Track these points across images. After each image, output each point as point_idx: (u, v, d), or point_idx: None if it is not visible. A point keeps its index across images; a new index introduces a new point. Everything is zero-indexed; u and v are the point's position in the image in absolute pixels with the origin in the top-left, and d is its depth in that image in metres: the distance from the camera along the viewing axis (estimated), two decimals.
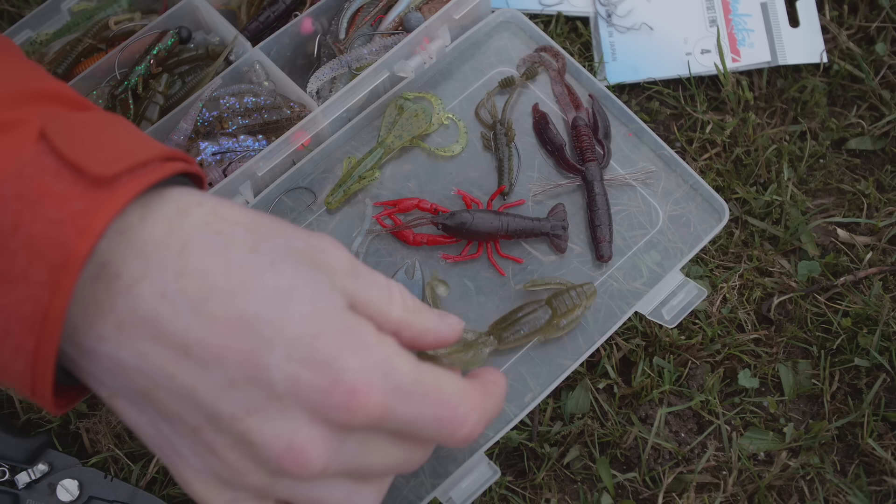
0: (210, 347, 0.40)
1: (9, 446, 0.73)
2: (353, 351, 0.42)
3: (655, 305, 0.74)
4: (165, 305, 0.40)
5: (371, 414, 0.42)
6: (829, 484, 0.74)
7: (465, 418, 0.45)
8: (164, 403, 0.42)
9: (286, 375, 0.40)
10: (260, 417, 0.41)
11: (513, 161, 0.80)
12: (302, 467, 0.41)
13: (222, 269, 0.41)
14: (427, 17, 0.82)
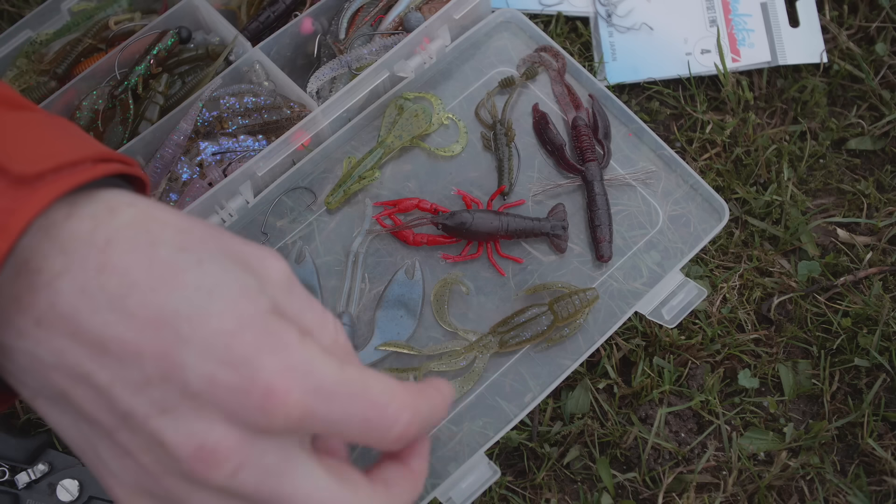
0: (126, 344, 0.40)
1: (9, 446, 0.73)
2: (271, 351, 0.40)
3: (655, 305, 0.74)
4: (84, 301, 0.40)
5: (290, 415, 0.40)
6: (829, 484, 0.74)
7: (395, 417, 0.44)
8: (81, 403, 0.41)
9: (201, 374, 0.40)
10: (173, 417, 0.40)
11: (513, 161, 0.80)
12: (211, 468, 0.40)
13: (145, 266, 0.40)
14: (427, 17, 0.82)
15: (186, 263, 0.41)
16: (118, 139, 0.78)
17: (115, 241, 0.40)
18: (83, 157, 0.42)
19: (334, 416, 0.42)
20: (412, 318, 0.74)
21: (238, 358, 0.40)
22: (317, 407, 0.41)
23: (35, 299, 0.40)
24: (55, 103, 0.78)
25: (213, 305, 0.40)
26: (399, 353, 0.73)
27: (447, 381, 0.52)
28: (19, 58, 0.82)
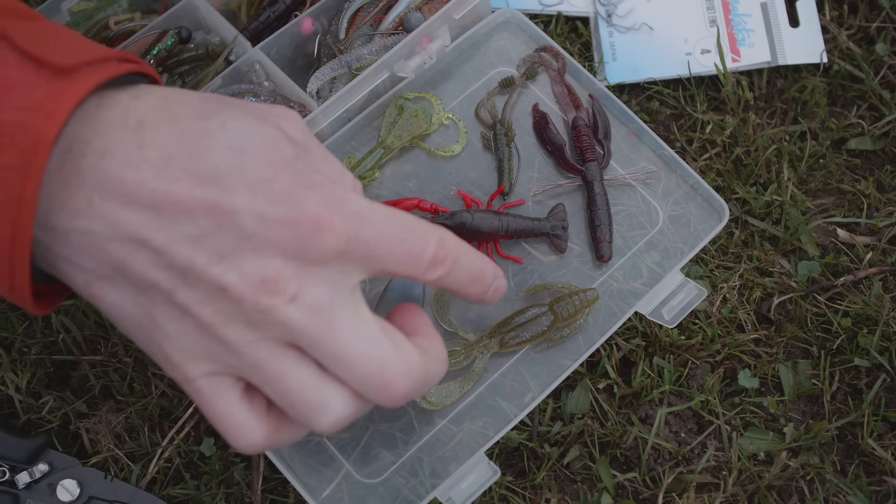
0: (177, 203, 0.43)
1: (9, 446, 0.73)
2: (309, 187, 0.44)
3: (655, 305, 0.74)
4: (130, 173, 0.43)
5: (338, 239, 0.44)
6: (829, 484, 0.74)
7: (427, 239, 0.48)
8: (140, 270, 0.44)
9: (253, 215, 0.43)
10: (231, 261, 0.43)
11: (513, 161, 0.80)
12: (273, 296, 0.43)
13: (177, 138, 0.44)
14: (427, 17, 0.82)
15: (212, 129, 0.45)
16: None
17: (145, 122, 0.44)
18: (110, 55, 0.46)
19: (375, 239, 0.46)
20: None
21: (282, 196, 0.44)
22: (359, 231, 0.45)
23: (84, 181, 0.43)
24: None
25: (247, 159, 0.44)
26: None
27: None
28: None
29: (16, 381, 0.78)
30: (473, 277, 0.52)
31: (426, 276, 0.49)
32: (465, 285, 0.52)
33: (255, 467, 0.75)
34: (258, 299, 0.43)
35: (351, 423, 0.48)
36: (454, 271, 0.50)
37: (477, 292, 0.53)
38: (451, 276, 0.50)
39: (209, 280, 0.43)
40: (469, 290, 0.52)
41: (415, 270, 0.48)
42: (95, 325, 0.80)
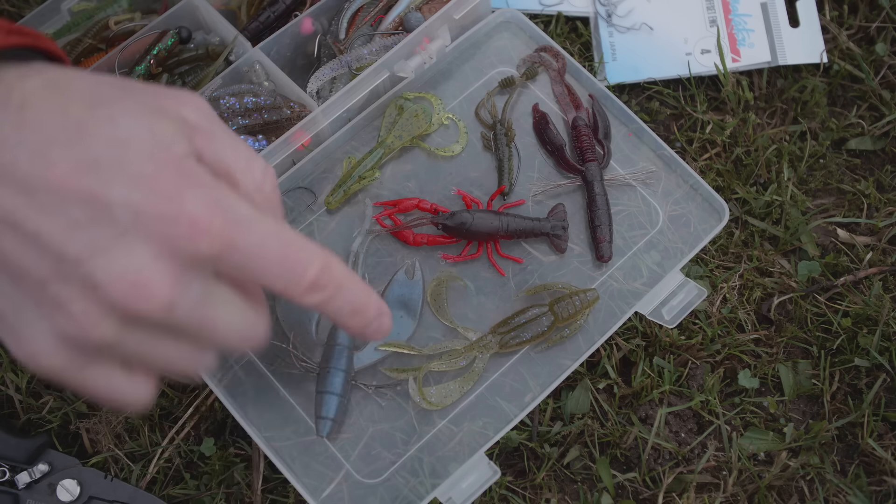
0: (52, 191, 0.41)
1: (9, 446, 0.73)
2: (192, 187, 0.43)
3: (655, 305, 0.74)
4: (6, 153, 0.41)
5: (213, 243, 0.43)
6: (829, 484, 0.74)
7: (309, 260, 0.46)
8: (9, 256, 0.42)
9: (129, 209, 0.42)
10: (105, 257, 0.42)
11: (513, 161, 0.80)
12: (147, 301, 0.42)
13: (60, 124, 0.42)
14: (427, 17, 0.82)
15: (99, 119, 0.43)
16: None
17: (28, 104, 0.42)
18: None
19: (253, 250, 0.44)
20: (412, 318, 0.74)
21: (162, 193, 0.42)
22: (237, 238, 0.44)
23: None
24: None
25: (129, 154, 0.43)
26: (399, 353, 0.73)
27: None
28: None
29: (16, 381, 0.78)
30: (354, 309, 0.50)
31: (304, 299, 0.47)
32: (345, 315, 0.50)
33: (255, 467, 0.75)
34: (130, 302, 0.42)
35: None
36: (335, 299, 0.49)
37: (356, 325, 0.51)
38: (332, 303, 0.49)
39: (82, 276, 0.42)
40: (349, 322, 0.50)
41: (292, 290, 0.47)
42: None
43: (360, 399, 0.72)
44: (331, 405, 0.70)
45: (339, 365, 0.71)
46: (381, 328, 0.53)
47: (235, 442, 0.76)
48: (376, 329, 0.53)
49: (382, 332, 0.53)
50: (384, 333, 0.53)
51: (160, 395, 0.78)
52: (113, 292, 0.42)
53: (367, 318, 0.52)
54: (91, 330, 0.43)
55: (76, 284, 0.42)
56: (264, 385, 0.73)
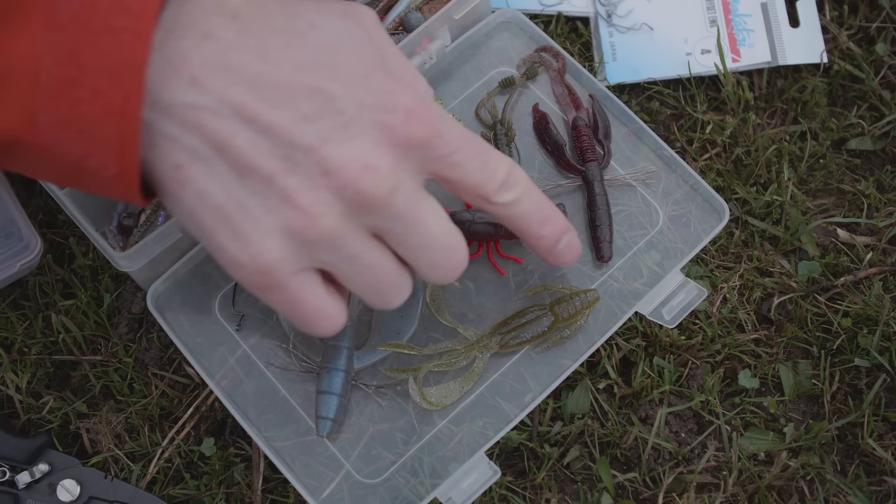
0: (281, 87, 0.44)
1: (9, 446, 0.73)
2: (402, 86, 0.47)
3: (655, 305, 0.74)
4: (234, 55, 0.44)
5: (427, 131, 0.47)
6: (829, 484, 0.74)
7: (501, 159, 0.50)
8: (241, 150, 0.44)
9: (353, 101, 0.45)
10: (335, 144, 0.45)
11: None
12: (376, 182, 0.45)
13: (271, 31, 0.45)
14: (427, 17, 0.82)
15: (302, 27, 0.46)
16: None
17: (240, 13, 0.45)
18: None
19: (456, 142, 0.49)
20: (412, 318, 0.74)
21: (378, 88, 0.46)
22: (443, 129, 0.48)
23: (187, 60, 0.43)
24: None
25: (340, 56, 0.46)
26: (399, 353, 0.73)
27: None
28: None
29: (16, 381, 0.78)
30: (545, 217, 0.53)
31: (496, 197, 0.50)
32: (536, 224, 0.53)
33: (255, 467, 0.75)
34: (362, 185, 0.45)
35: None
36: (524, 201, 0.52)
37: (549, 237, 0.53)
38: (522, 205, 0.52)
39: (314, 163, 0.44)
40: (541, 233, 0.53)
41: (486, 187, 0.50)
42: (95, 325, 0.80)
43: (360, 399, 0.72)
44: (331, 405, 0.70)
45: (339, 365, 0.71)
46: (573, 245, 0.56)
47: (235, 442, 0.76)
48: (567, 245, 0.56)
49: (574, 250, 0.56)
50: (576, 253, 0.56)
51: (160, 395, 0.78)
52: (345, 175, 0.45)
53: (559, 229, 0.55)
54: (319, 219, 0.45)
55: (307, 174, 0.45)
56: (264, 385, 0.73)
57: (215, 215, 0.45)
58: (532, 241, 0.53)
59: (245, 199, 0.45)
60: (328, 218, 0.45)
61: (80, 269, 0.82)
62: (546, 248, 0.54)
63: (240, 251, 0.46)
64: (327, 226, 0.45)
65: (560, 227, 0.54)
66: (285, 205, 0.45)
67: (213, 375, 0.73)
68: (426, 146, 0.47)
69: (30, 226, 0.79)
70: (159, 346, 0.79)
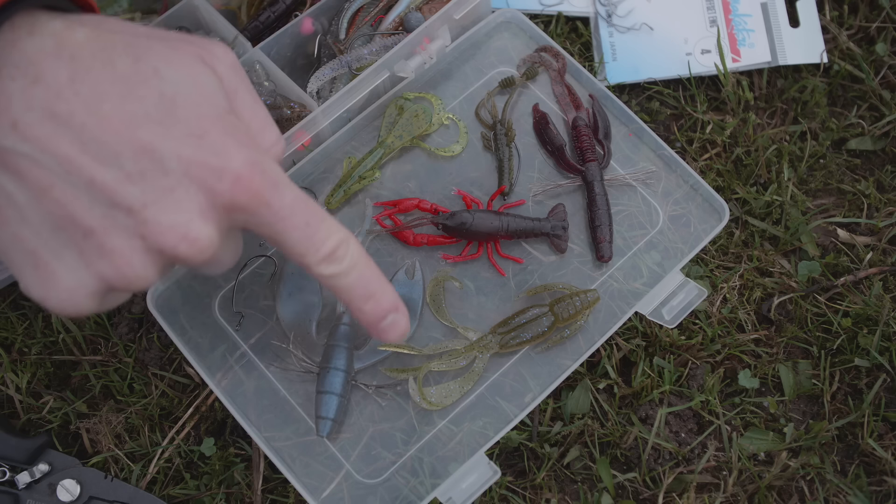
0: (107, 142, 0.43)
1: (9, 446, 0.73)
2: (237, 146, 0.46)
3: (655, 305, 0.74)
4: (62, 104, 0.43)
5: (252, 200, 0.46)
6: (829, 484, 0.74)
7: (330, 231, 0.49)
8: (59, 202, 0.43)
9: (182, 163, 0.44)
10: (156, 208, 0.44)
11: (513, 161, 0.80)
12: (197, 252, 0.45)
13: (110, 79, 0.44)
14: (427, 18, 0.82)
15: (144, 73, 0.45)
16: None
17: (78, 56, 0.44)
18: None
19: (282, 211, 0.47)
20: (412, 318, 0.74)
21: (210, 149, 0.45)
22: (272, 198, 0.47)
23: (11, 104, 0.42)
24: None
25: (179, 110, 0.45)
26: (399, 353, 0.73)
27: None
28: None
29: (16, 381, 0.78)
30: (369, 293, 0.51)
31: (319, 268, 0.49)
32: (359, 299, 0.51)
33: (255, 467, 0.75)
34: (180, 252, 0.45)
35: None
36: (349, 275, 0.50)
37: (370, 313, 0.52)
38: (345, 280, 0.50)
39: (134, 224, 0.44)
40: (363, 307, 0.51)
41: (310, 257, 0.49)
42: (95, 325, 0.80)
43: (360, 399, 0.72)
44: (331, 405, 0.70)
45: (339, 365, 0.71)
46: (397, 324, 0.53)
47: (235, 442, 0.76)
48: (391, 324, 0.53)
49: (398, 329, 0.53)
50: (400, 332, 0.53)
51: (160, 395, 0.78)
52: (164, 242, 0.44)
53: (382, 308, 0.52)
54: (134, 280, 0.45)
55: (126, 234, 0.44)
56: (264, 385, 0.73)
57: (27, 259, 0.45)
58: (354, 313, 0.52)
59: (60, 249, 0.44)
60: (143, 278, 0.45)
61: None
62: (368, 323, 0.53)
63: (48, 296, 0.46)
64: (142, 284, 0.45)
65: (384, 305, 0.52)
66: (102, 260, 0.44)
67: (213, 375, 0.73)
68: (250, 212, 0.46)
69: None
70: (159, 346, 0.79)
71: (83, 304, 0.46)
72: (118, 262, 0.44)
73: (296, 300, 0.74)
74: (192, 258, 0.45)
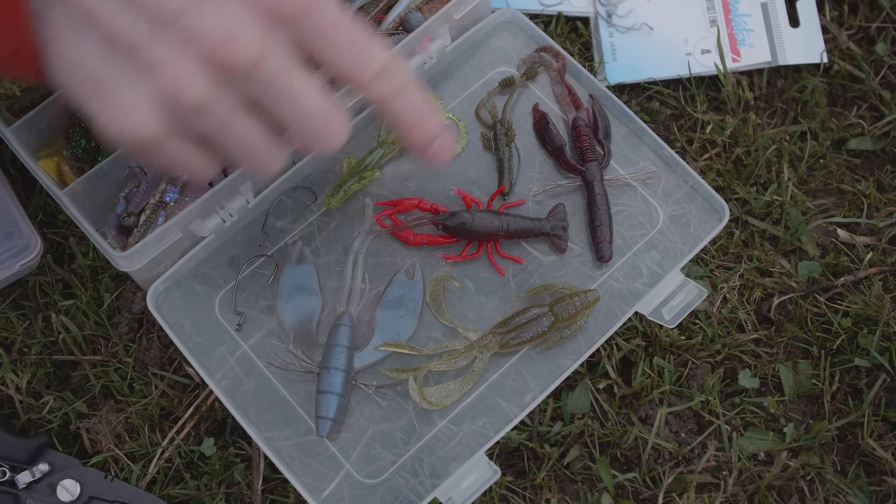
0: None
1: (9, 446, 0.73)
2: None
3: (656, 305, 0.74)
4: None
5: (297, 5, 0.46)
6: (829, 484, 0.74)
7: (378, 49, 0.49)
8: (106, 20, 0.44)
9: None
10: (199, 12, 0.44)
11: (513, 161, 0.80)
12: (241, 49, 0.45)
13: None
14: (427, 17, 0.82)
15: None
16: None
17: None
18: None
19: (330, 18, 0.47)
20: (412, 318, 0.74)
21: None
22: (317, 6, 0.47)
23: None
24: (55, 104, 0.78)
25: None
26: (399, 354, 0.73)
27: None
28: None
29: (16, 381, 0.78)
30: (419, 113, 0.52)
31: (370, 86, 0.49)
32: (409, 120, 0.51)
33: (255, 467, 0.75)
34: (227, 53, 0.45)
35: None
36: (400, 95, 0.50)
37: (421, 136, 0.52)
38: (396, 99, 0.50)
39: (178, 31, 0.44)
40: (413, 130, 0.52)
41: (360, 74, 0.49)
42: (95, 325, 0.80)
43: (360, 399, 0.72)
44: (331, 405, 0.70)
45: (339, 365, 0.71)
46: (444, 150, 0.54)
47: (235, 442, 0.76)
48: (440, 148, 0.54)
49: (445, 153, 0.54)
50: (447, 156, 0.54)
51: (160, 395, 0.78)
52: (209, 43, 0.45)
53: (432, 130, 0.53)
54: (186, 88, 0.45)
55: (172, 42, 0.44)
56: (264, 385, 0.73)
57: (87, 85, 0.46)
58: (402, 137, 0.53)
59: (114, 70, 0.45)
60: (196, 86, 0.45)
61: (80, 269, 0.82)
62: (417, 147, 0.53)
63: (112, 119, 0.46)
64: (195, 94, 0.45)
65: (432, 130, 0.53)
66: (153, 73, 0.45)
67: (213, 375, 0.73)
68: (295, 20, 0.47)
69: (30, 226, 0.79)
70: (159, 346, 0.79)
71: (148, 124, 0.46)
72: (168, 73, 0.45)
73: (296, 300, 0.74)
74: (239, 58, 0.45)
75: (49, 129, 0.79)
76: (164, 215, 0.75)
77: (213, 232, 0.75)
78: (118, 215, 0.76)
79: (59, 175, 0.78)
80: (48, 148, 0.79)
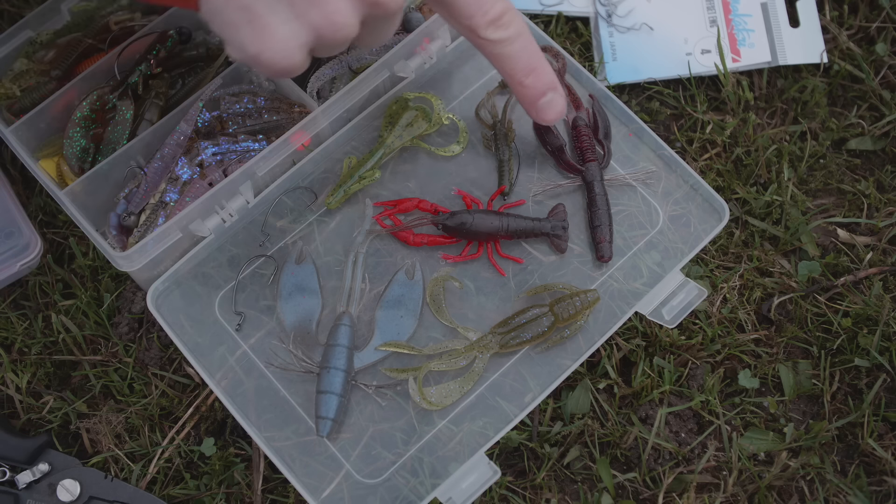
0: None
1: (9, 446, 0.73)
2: None
3: (655, 305, 0.74)
4: None
5: None
6: (829, 484, 0.74)
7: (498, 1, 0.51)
8: None
9: None
10: None
11: (513, 161, 0.80)
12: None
13: None
14: (427, 17, 0.82)
15: None
16: (118, 139, 0.78)
17: None
18: None
19: None
20: (412, 318, 0.74)
21: None
22: None
23: None
24: (55, 104, 0.78)
25: None
26: (399, 354, 0.73)
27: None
28: (19, 58, 0.82)
29: (16, 381, 0.78)
30: (531, 65, 0.52)
31: (485, 32, 0.51)
32: (522, 72, 0.52)
33: (255, 467, 0.75)
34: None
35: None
36: (514, 44, 0.51)
37: (532, 87, 0.53)
38: (510, 48, 0.52)
39: None
40: (524, 81, 0.53)
41: (477, 18, 0.50)
42: (95, 325, 0.80)
43: (360, 399, 0.72)
44: (331, 405, 0.70)
45: (339, 365, 0.71)
46: (555, 103, 0.54)
47: (235, 442, 0.76)
48: (550, 102, 0.55)
49: (556, 108, 0.55)
50: (557, 112, 0.54)
51: (160, 395, 0.78)
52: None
53: (543, 83, 0.54)
54: (342, 23, 0.47)
55: None
56: (264, 385, 0.73)
57: (242, 15, 0.47)
58: (515, 87, 0.53)
59: (273, 3, 0.47)
60: (349, 26, 0.47)
61: (80, 269, 0.82)
62: (528, 99, 0.54)
63: (266, 49, 0.48)
64: (347, 33, 0.48)
65: (546, 81, 0.54)
66: (313, 9, 0.47)
67: (213, 375, 0.73)
68: None
69: (30, 226, 0.79)
70: (159, 346, 0.79)
71: (296, 56, 0.48)
72: (327, 9, 0.46)
73: (296, 300, 0.74)
74: (392, 5, 0.47)
75: (49, 129, 0.79)
76: (164, 215, 0.75)
77: (213, 232, 0.75)
78: (118, 215, 0.76)
79: (59, 175, 0.78)
80: (48, 148, 0.79)
